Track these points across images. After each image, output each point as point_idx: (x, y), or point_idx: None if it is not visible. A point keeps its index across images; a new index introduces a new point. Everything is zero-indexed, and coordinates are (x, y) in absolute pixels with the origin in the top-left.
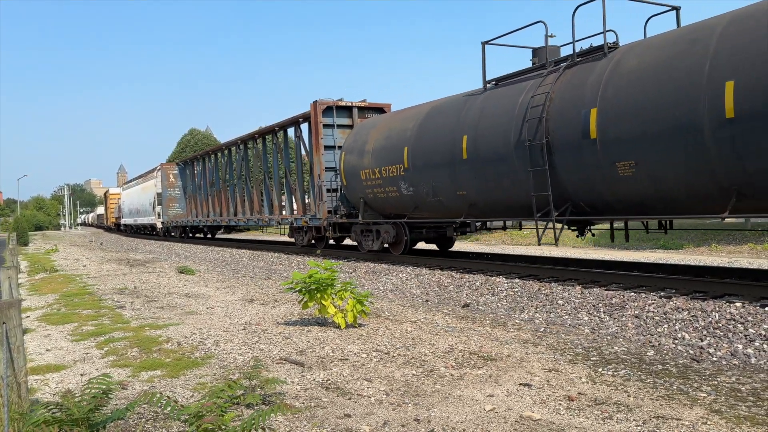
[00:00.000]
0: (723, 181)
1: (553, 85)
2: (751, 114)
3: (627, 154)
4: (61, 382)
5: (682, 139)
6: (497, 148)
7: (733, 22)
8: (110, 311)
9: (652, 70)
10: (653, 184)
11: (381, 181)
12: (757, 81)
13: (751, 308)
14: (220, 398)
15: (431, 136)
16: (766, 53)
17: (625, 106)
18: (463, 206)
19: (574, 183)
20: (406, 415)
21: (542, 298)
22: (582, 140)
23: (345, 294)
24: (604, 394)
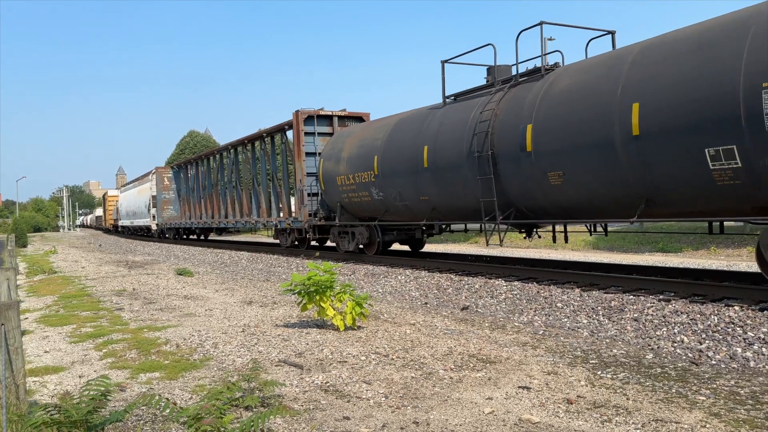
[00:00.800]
0: (634, 189)
1: (499, 102)
2: (652, 132)
3: (557, 165)
4: (59, 383)
5: (600, 152)
6: (453, 157)
7: (641, 52)
8: (109, 313)
9: (577, 91)
10: (579, 191)
11: (355, 187)
12: (656, 103)
13: (750, 312)
14: (219, 400)
15: (397, 145)
16: (663, 80)
17: (555, 122)
18: (426, 210)
19: (516, 190)
20: (405, 417)
21: (541, 301)
22: (520, 152)
23: (344, 296)
24: (603, 397)
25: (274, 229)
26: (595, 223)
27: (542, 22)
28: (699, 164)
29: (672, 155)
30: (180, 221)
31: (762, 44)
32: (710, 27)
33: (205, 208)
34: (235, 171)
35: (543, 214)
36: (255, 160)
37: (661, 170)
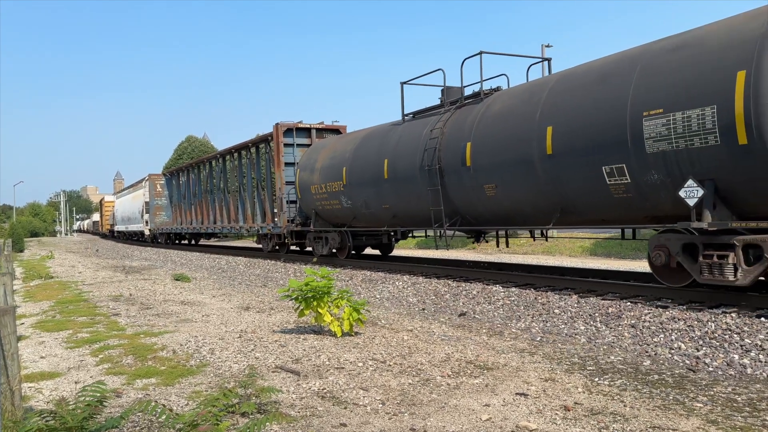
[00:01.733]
0: (551, 200)
1: (446, 122)
2: (562, 151)
3: (491, 178)
4: (55, 389)
5: (523, 168)
6: (408, 170)
7: (557, 81)
8: (105, 318)
9: (507, 114)
10: (510, 201)
11: (327, 195)
12: (566, 127)
13: (747, 318)
14: (215, 407)
15: (363, 158)
16: (571, 106)
17: (490, 140)
18: (389, 217)
19: (460, 200)
20: (402, 424)
21: (539, 307)
22: (461, 167)
23: (341, 302)
24: (601, 404)
25: (257, 234)
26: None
27: (482, 52)
28: (599, 180)
29: (578, 172)
30: (172, 227)
31: (644, 79)
32: (611, 61)
33: (195, 214)
34: (224, 179)
35: (484, 222)
36: (241, 169)
37: (570, 184)
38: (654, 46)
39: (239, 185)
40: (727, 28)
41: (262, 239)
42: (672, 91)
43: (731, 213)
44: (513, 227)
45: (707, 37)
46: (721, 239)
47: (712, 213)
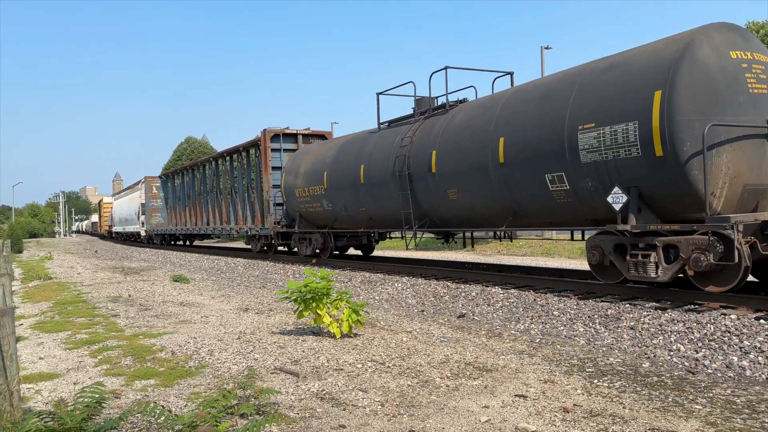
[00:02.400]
0: (504, 204)
1: (415, 131)
2: (513, 160)
3: (453, 184)
4: (54, 390)
5: (480, 175)
6: (382, 175)
7: (511, 96)
8: (104, 319)
9: (467, 125)
10: (470, 205)
11: (309, 198)
12: (515, 138)
13: (746, 320)
14: (214, 408)
15: (342, 163)
16: (520, 120)
17: (452, 149)
18: (365, 219)
19: (427, 203)
20: (401, 426)
21: (538, 309)
22: (428, 173)
23: (340, 303)
24: (600, 405)
25: (246, 235)
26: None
27: (447, 67)
28: (543, 186)
29: (526, 179)
30: (167, 228)
31: (581, 96)
32: (555, 79)
33: (189, 216)
34: (216, 182)
35: (449, 223)
36: (233, 172)
37: (520, 190)
38: (591, 66)
39: (231, 188)
40: (650, 51)
41: (251, 240)
42: (602, 108)
43: (656, 216)
44: (473, 229)
45: (633, 59)
46: (645, 240)
47: (636, 216)
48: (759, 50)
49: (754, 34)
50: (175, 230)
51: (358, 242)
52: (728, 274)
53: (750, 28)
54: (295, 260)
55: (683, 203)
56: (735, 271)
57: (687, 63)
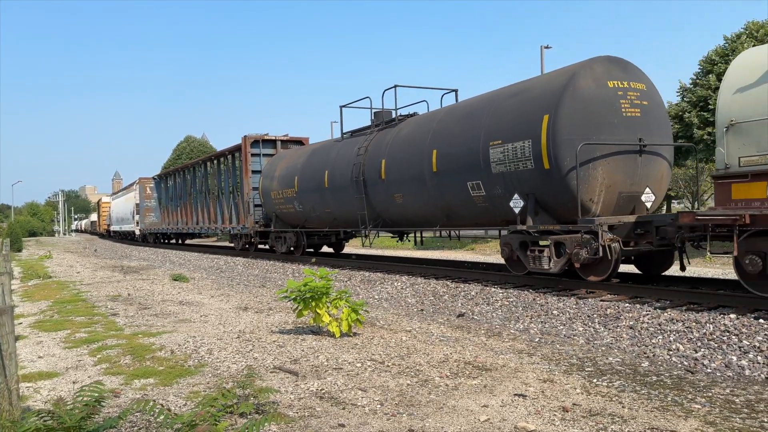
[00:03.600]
0: (438, 207)
1: (370, 142)
2: (443, 170)
3: (398, 189)
4: (53, 389)
5: (419, 182)
6: (343, 180)
7: (444, 113)
8: (103, 318)
9: (410, 137)
10: (413, 208)
11: (284, 200)
12: (445, 150)
13: (745, 320)
14: (214, 407)
15: (310, 169)
16: (449, 135)
17: (398, 159)
18: (330, 219)
19: (379, 206)
20: (401, 425)
21: (537, 309)
22: (379, 179)
23: (340, 303)
24: (599, 405)
25: (229, 234)
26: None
27: (396, 86)
28: (466, 192)
29: (454, 186)
30: (160, 227)
31: (493, 117)
32: (477, 101)
33: (180, 216)
34: (205, 183)
35: (398, 224)
36: (219, 175)
37: (450, 196)
38: (503, 91)
39: (218, 190)
40: (545, 80)
41: (233, 238)
42: (507, 128)
43: (551, 218)
44: (417, 228)
45: (532, 87)
46: (542, 238)
47: (534, 218)
48: (637, 79)
49: (754, 33)
50: (168, 229)
51: (328, 241)
52: (603, 266)
53: (749, 28)
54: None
55: (568, 207)
56: (607, 263)
57: (569, 91)
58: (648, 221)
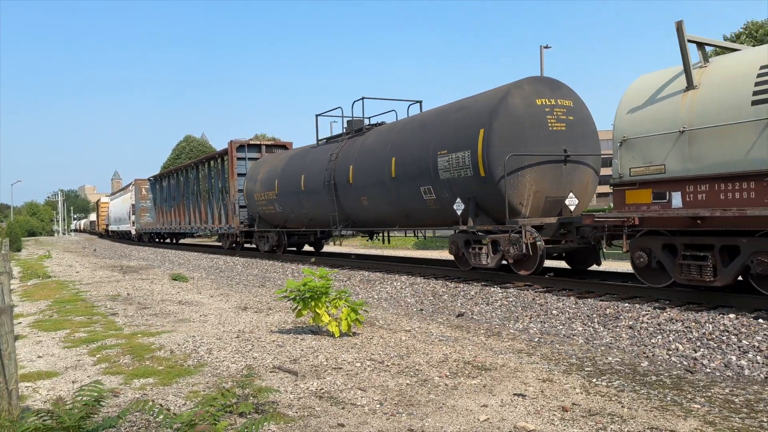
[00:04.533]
0: (398, 209)
1: (341, 149)
2: (401, 176)
3: (365, 192)
4: (52, 389)
5: (381, 186)
6: (317, 184)
7: (402, 124)
8: (103, 318)
9: (374, 145)
10: (376, 210)
11: (265, 202)
12: (402, 158)
13: (745, 320)
14: (213, 407)
15: (289, 173)
16: (406, 144)
17: (364, 165)
18: (306, 220)
19: (348, 208)
20: (400, 424)
21: (537, 308)
22: (347, 183)
23: (339, 302)
24: (599, 404)
25: (217, 233)
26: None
27: (363, 98)
28: (420, 196)
29: (410, 190)
30: (155, 227)
31: (441, 129)
32: (431, 114)
33: (174, 216)
34: (196, 185)
35: (365, 224)
36: (210, 177)
37: (407, 199)
38: (452, 106)
39: (208, 191)
40: (484, 98)
41: (221, 238)
42: (452, 139)
43: (491, 219)
44: (382, 228)
45: (473, 104)
46: (482, 237)
47: (474, 220)
48: (564, 97)
49: (753, 33)
50: (162, 229)
51: (308, 240)
52: (531, 261)
53: (749, 27)
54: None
55: (501, 210)
56: (534, 259)
57: (502, 108)
58: (569, 222)
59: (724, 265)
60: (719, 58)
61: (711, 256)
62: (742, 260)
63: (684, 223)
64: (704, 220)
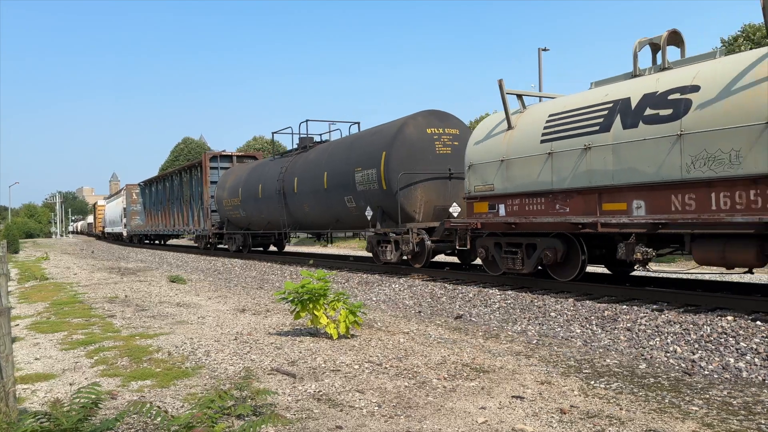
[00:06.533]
0: (330, 215)
1: (290, 163)
2: (331, 187)
3: (305, 200)
4: (49, 391)
5: (317, 195)
6: (271, 192)
7: (335, 144)
8: (101, 320)
9: (314, 161)
10: (314, 215)
11: (232, 207)
12: (332, 172)
13: (743, 322)
14: (211, 409)
15: (250, 182)
16: (335, 161)
17: (306, 177)
18: (264, 223)
19: (295, 213)
20: (398, 427)
21: (535, 310)
22: (293, 193)
23: (338, 304)
24: (597, 407)
25: (195, 234)
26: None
27: (307, 120)
28: (344, 204)
29: (338, 200)
30: (144, 229)
31: (359, 149)
32: (355, 136)
33: (161, 219)
34: (180, 191)
35: (308, 227)
36: (191, 184)
37: (335, 206)
38: (369, 131)
39: (190, 197)
40: (388, 127)
41: (198, 239)
42: (365, 158)
43: (394, 223)
44: (320, 230)
45: (382, 130)
46: (388, 237)
47: (381, 224)
48: (451, 126)
49: (751, 36)
50: (150, 231)
51: (270, 241)
52: (422, 256)
53: (746, 30)
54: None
55: (399, 217)
56: (424, 255)
57: (399, 136)
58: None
59: (528, 257)
60: (531, 106)
61: (520, 251)
62: (538, 254)
63: (506, 227)
64: (516, 225)
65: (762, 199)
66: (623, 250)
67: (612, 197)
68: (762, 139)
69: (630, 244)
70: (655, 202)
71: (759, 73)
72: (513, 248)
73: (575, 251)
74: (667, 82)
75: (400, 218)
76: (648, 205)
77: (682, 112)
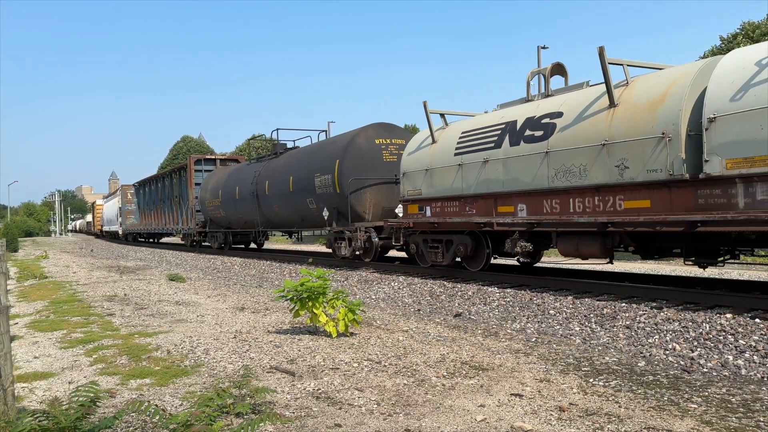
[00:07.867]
0: (296, 215)
1: (263, 167)
2: (296, 190)
3: (275, 202)
4: (48, 389)
5: (284, 197)
6: (247, 194)
7: (300, 152)
8: (100, 318)
9: (282, 166)
10: (284, 215)
11: (213, 207)
12: (297, 177)
13: (742, 319)
14: (210, 407)
15: (228, 184)
16: (299, 166)
17: (275, 181)
18: (242, 222)
19: (267, 213)
20: (397, 425)
21: (534, 308)
22: (265, 194)
23: (337, 302)
24: (596, 404)
25: (182, 233)
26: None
27: (278, 129)
28: (307, 206)
29: (302, 201)
30: (138, 227)
31: (319, 156)
32: (318, 144)
33: (154, 218)
34: (171, 191)
35: (279, 226)
36: (180, 185)
37: (300, 207)
38: (328, 140)
39: (179, 197)
40: (342, 137)
41: (184, 237)
42: (322, 165)
43: (348, 222)
44: (289, 228)
45: (337, 140)
46: (343, 234)
47: (337, 223)
48: (399, 137)
49: (750, 34)
50: (144, 229)
51: (249, 238)
52: (371, 252)
53: (746, 28)
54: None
55: (350, 216)
56: (372, 251)
57: (350, 145)
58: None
59: (447, 251)
60: (452, 123)
61: (441, 246)
62: (453, 248)
63: (431, 226)
64: (438, 224)
65: (603, 203)
66: (509, 245)
67: (504, 201)
68: (601, 156)
69: (514, 240)
70: (532, 205)
71: (601, 104)
72: (436, 244)
73: (482, 246)
74: (544, 108)
75: (351, 218)
76: (528, 208)
77: (549, 133)
